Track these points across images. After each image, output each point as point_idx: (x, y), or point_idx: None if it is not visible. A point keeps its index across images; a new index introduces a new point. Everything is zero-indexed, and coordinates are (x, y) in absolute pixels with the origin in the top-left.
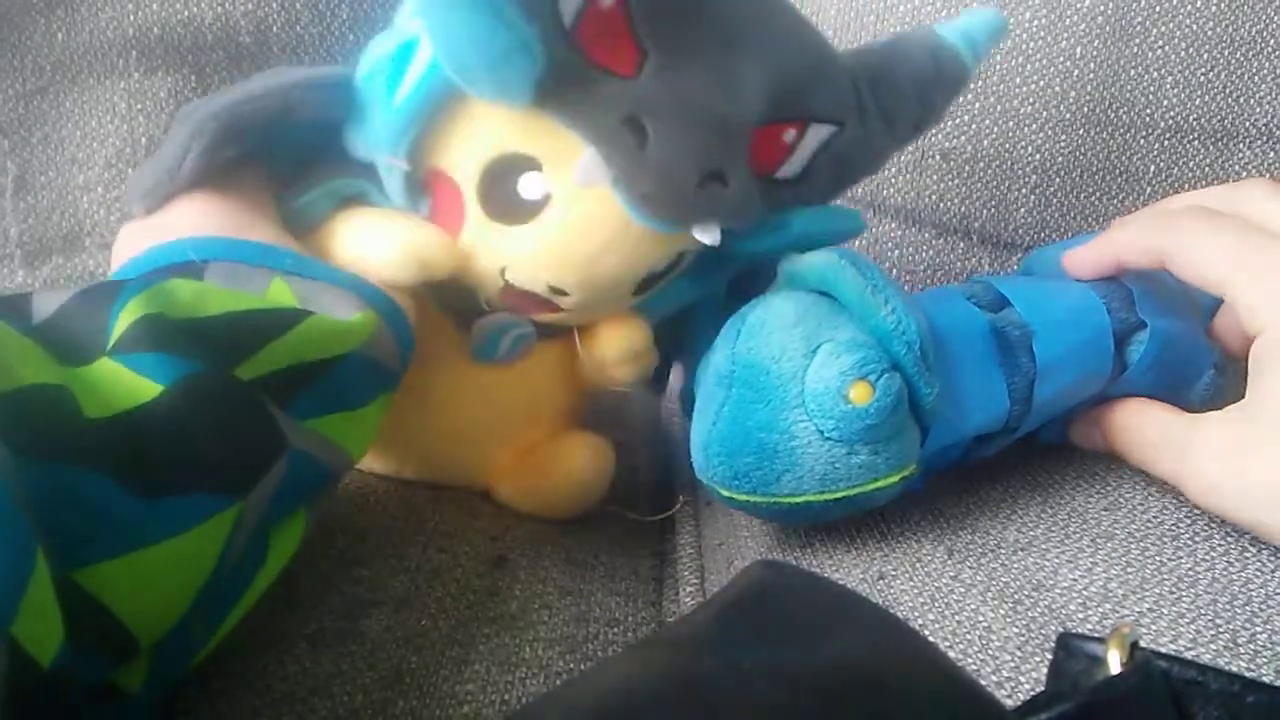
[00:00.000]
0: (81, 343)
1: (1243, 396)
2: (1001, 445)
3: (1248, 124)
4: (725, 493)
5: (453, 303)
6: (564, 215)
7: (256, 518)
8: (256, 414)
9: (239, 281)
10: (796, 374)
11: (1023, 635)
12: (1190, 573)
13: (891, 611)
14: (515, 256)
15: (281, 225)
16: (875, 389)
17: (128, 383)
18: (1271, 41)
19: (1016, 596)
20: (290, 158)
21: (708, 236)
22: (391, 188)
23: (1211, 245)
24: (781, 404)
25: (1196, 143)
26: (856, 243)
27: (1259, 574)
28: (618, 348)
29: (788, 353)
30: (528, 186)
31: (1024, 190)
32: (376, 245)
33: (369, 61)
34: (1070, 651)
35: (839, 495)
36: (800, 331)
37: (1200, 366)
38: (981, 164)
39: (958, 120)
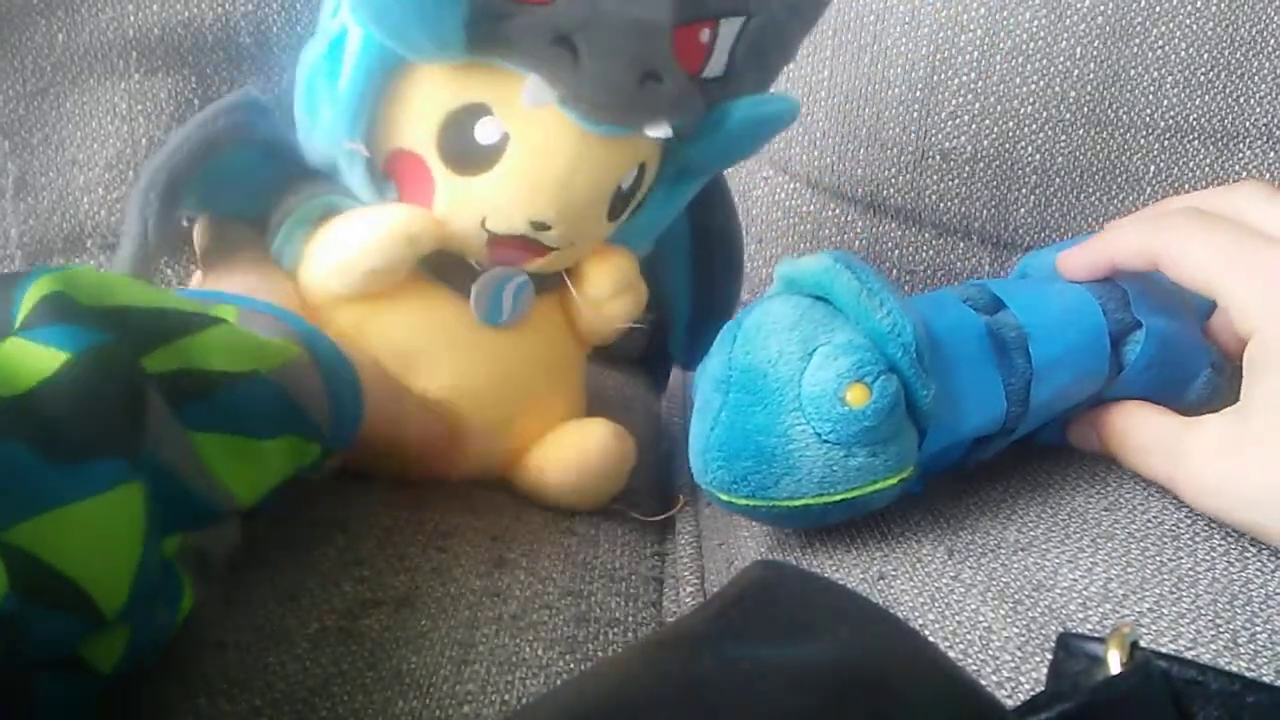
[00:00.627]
0: None
1: (1240, 396)
2: (999, 447)
3: (1248, 124)
4: (724, 497)
5: (448, 276)
6: (525, 146)
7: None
8: (132, 391)
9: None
10: (793, 377)
11: (1023, 635)
12: (1190, 573)
13: (891, 612)
14: (492, 201)
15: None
16: (872, 391)
17: (34, 356)
18: (1271, 41)
19: (1016, 597)
20: (265, 204)
21: (659, 131)
22: (356, 183)
23: (1203, 247)
24: (779, 407)
25: (1196, 143)
26: (857, 244)
27: (1259, 574)
28: (608, 280)
29: (784, 356)
30: (484, 131)
31: (1024, 190)
32: (360, 235)
33: (304, 68)
34: (1070, 651)
35: (838, 498)
36: (796, 335)
37: (1197, 366)
38: (981, 164)
39: (958, 120)
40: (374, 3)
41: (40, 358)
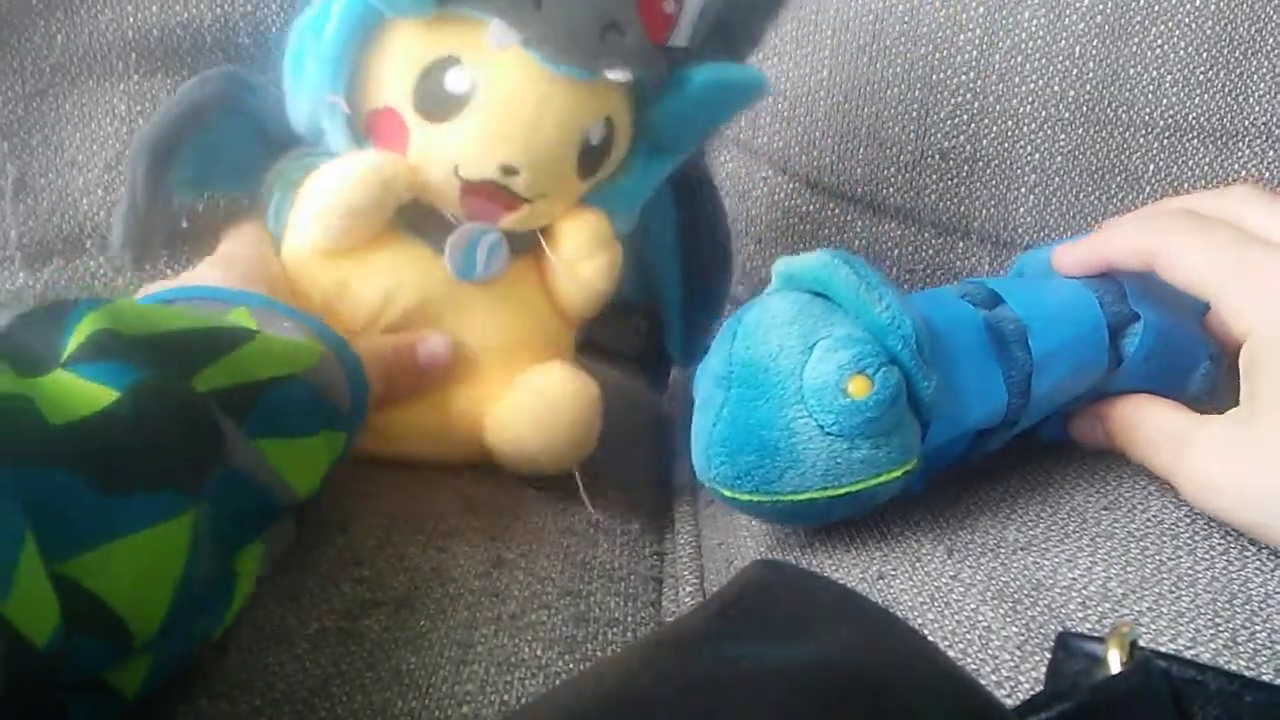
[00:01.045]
0: (35, 356)
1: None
2: (1003, 440)
3: (1247, 123)
4: (728, 493)
5: (425, 231)
6: (493, 90)
7: (214, 527)
8: (199, 418)
9: (202, 309)
10: (795, 370)
11: (1022, 634)
12: (1190, 571)
13: (891, 611)
14: (463, 146)
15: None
16: (873, 382)
17: (85, 390)
18: (1270, 41)
19: (1016, 596)
20: (258, 179)
21: (619, 75)
22: (337, 139)
23: (1197, 250)
24: (781, 401)
25: (1196, 142)
26: (856, 243)
27: (1259, 573)
28: (579, 237)
29: (785, 350)
30: (454, 80)
31: (1023, 189)
32: (336, 179)
33: (295, 30)
34: (1069, 651)
35: (842, 491)
36: (797, 329)
37: (1196, 357)
38: (981, 163)
39: (957, 120)
40: None
41: (90, 393)
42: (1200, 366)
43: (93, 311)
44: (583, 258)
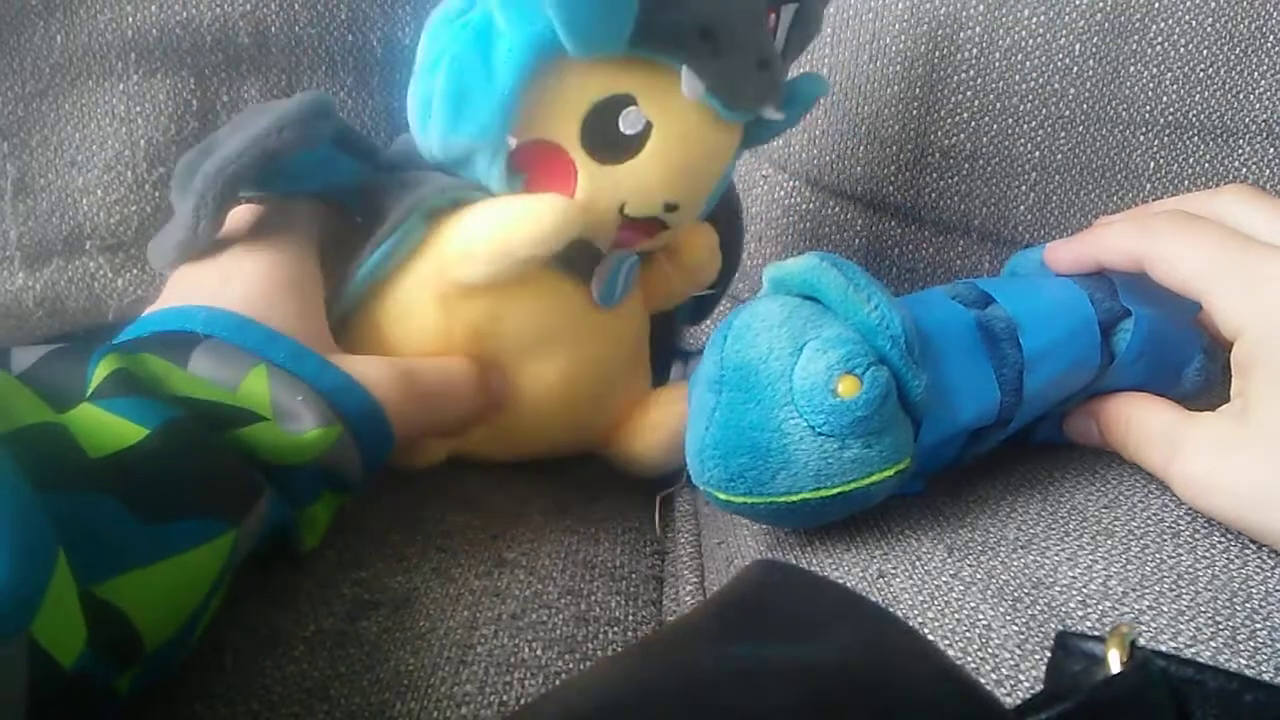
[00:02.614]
0: (61, 391)
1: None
2: (997, 440)
3: (1247, 120)
4: (722, 496)
5: (570, 261)
6: (669, 135)
7: (249, 546)
8: (234, 454)
9: (221, 363)
10: (785, 372)
11: (1022, 633)
12: (1190, 570)
13: (891, 610)
14: (634, 187)
15: (319, 275)
16: (863, 382)
17: (114, 424)
18: (1270, 38)
19: (1016, 594)
20: (337, 188)
21: (775, 114)
22: (494, 175)
23: (1188, 250)
24: (772, 402)
25: (1196, 139)
26: (857, 242)
27: (1259, 571)
28: (707, 249)
29: (775, 352)
30: (629, 121)
31: (1023, 188)
32: (514, 224)
33: (447, 60)
34: (1068, 650)
35: (834, 491)
36: (786, 331)
37: (1189, 352)
38: (981, 162)
39: (957, 118)
40: (570, 7)
41: (120, 427)
42: (1194, 362)
43: (115, 353)
44: (703, 265)
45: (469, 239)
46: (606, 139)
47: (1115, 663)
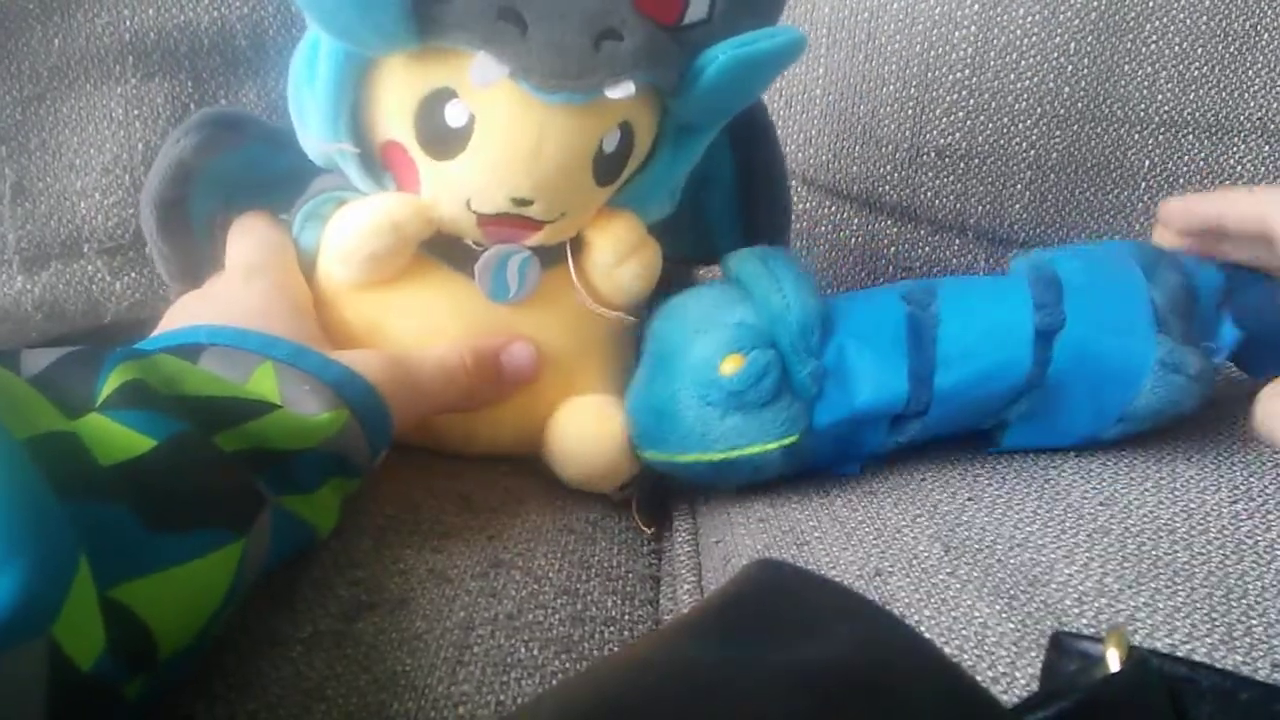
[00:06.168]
0: (70, 398)
1: None
2: (920, 430)
3: (1242, 118)
4: (641, 454)
5: (455, 259)
6: (491, 124)
7: (260, 558)
8: (236, 468)
9: (229, 365)
10: (685, 347)
11: (1018, 631)
12: (1186, 567)
13: (888, 608)
14: (470, 183)
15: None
16: (746, 361)
17: (122, 435)
18: (1265, 36)
19: (1012, 592)
20: (288, 192)
21: (620, 92)
22: (353, 175)
23: None
24: (674, 373)
25: (1191, 137)
26: (853, 240)
27: (1254, 568)
28: (610, 246)
29: (683, 329)
30: (453, 114)
31: (1019, 186)
32: (353, 224)
33: (291, 73)
34: (1063, 650)
35: (718, 456)
36: (699, 311)
37: (1139, 365)
38: (976, 160)
39: (953, 117)
40: (318, 4)
41: (128, 438)
42: (1144, 377)
43: (127, 361)
44: (616, 263)
45: (328, 241)
46: (437, 134)
47: (1115, 662)
